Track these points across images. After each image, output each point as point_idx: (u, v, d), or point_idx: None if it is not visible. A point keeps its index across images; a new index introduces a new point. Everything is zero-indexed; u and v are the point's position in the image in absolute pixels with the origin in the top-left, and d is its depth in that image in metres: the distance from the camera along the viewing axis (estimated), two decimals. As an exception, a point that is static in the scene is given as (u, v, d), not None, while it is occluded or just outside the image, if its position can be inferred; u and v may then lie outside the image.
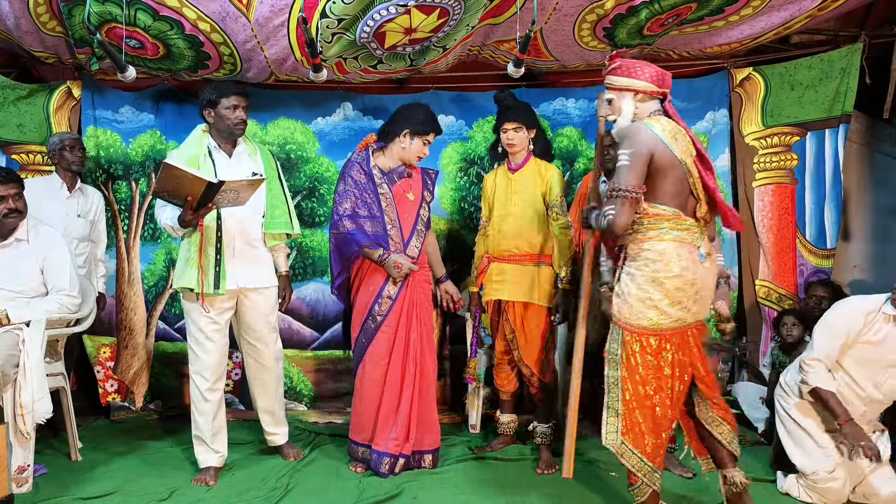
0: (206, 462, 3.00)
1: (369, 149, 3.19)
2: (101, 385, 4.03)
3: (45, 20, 3.38)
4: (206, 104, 2.98)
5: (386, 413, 3.05)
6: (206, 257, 2.89)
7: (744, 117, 4.00)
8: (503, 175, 3.33)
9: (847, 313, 2.75)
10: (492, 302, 3.28)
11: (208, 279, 2.88)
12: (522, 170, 3.26)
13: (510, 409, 3.39)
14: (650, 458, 2.31)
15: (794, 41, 4.07)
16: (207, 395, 2.97)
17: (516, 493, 2.80)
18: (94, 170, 4.02)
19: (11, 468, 2.57)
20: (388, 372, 3.05)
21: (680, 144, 2.30)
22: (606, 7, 3.26)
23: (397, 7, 3.01)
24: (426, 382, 3.11)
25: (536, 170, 3.24)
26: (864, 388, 2.75)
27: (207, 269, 2.89)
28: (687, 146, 2.33)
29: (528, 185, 3.22)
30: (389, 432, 3.02)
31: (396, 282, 3.06)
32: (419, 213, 3.16)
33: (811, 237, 3.93)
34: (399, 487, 2.81)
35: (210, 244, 2.91)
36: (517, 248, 3.21)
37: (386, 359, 3.06)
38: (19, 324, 2.75)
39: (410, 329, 3.08)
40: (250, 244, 3.03)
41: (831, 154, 3.85)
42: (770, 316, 3.93)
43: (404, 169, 3.17)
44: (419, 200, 3.18)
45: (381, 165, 3.15)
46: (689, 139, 2.34)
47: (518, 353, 3.19)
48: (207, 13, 3.16)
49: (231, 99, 2.95)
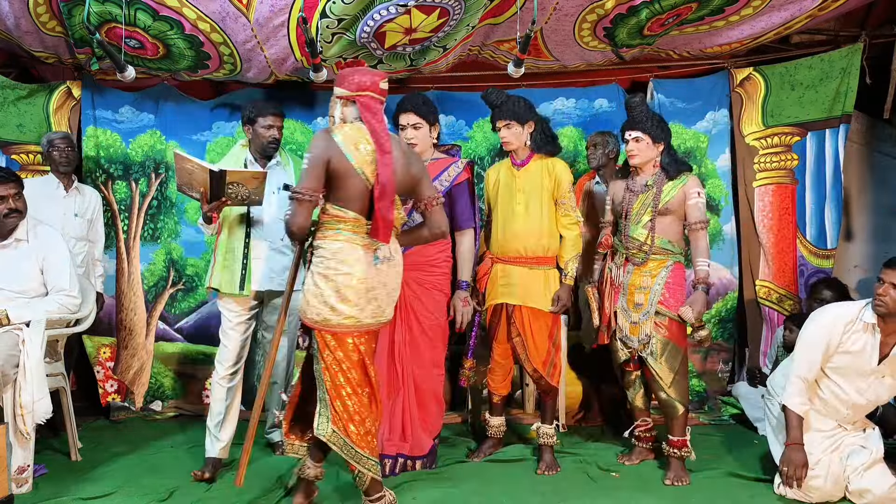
0: (208, 452, 3.07)
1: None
2: (101, 385, 4.03)
3: (45, 20, 3.38)
4: (246, 121, 3.16)
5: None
6: (234, 259, 3.05)
7: (744, 117, 4.00)
8: (507, 171, 3.21)
9: (824, 325, 2.72)
10: (492, 305, 3.20)
11: (234, 280, 3.04)
12: (527, 166, 3.16)
13: (500, 412, 3.35)
14: (359, 446, 2.41)
15: (794, 41, 4.07)
16: (221, 383, 3.09)
17: (516, 494, 2.80)
18: (94, 170, 4.02)
19: (11, 468, 2.58)
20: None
21: (360, 153, 2.40)
22: (607, 7, 3.26)
23: (397, 7, 3.01)
24: (409, 389, 3.02)
25: (543, 165, 3.14)
26: (849, 393, 2.75)
27: (234, 270, 3.05)
28: (368, 155, 2.41)
29: (535, 183, 3.12)
30: (380, 433, 2.96)
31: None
32: (412, 212, 2.99)
33: (811, 237, 3.93)
34: (398, 487, 2.81)
35: (238, 246, 3.05)
36: (525, 250, 3.10)
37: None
38: (19, 324, 2.76)
39: (395, 330, 3.01)
40: (278, 249, 3.12)
41: (831, 154, 3.85)
42: (770, 316, 3.93)
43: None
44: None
45: None
46: (372, 149, 2.41)
47: (525, 354, 3.13)
48: (207, 13, 3.16)
49: (268, 119, 3.11)
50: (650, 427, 3.21)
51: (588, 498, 2.77)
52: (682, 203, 3.03)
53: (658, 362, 2.99)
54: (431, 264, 3.06)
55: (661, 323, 3.00)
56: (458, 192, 3.11)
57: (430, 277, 3.06)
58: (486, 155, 4.19)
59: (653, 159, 3.07)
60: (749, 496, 2.79)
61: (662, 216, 3.03)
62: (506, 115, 3.10)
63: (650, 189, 3.06)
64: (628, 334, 3.06)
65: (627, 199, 3.11)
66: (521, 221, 3.11)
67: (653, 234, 3.03)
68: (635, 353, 3.07)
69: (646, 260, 3.04)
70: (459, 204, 3.11)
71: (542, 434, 3.19)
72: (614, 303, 3.13)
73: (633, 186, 3.11)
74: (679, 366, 3.00)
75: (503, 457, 3.26)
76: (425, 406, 3.06)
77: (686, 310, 2.92)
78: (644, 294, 3.02)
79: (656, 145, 3.05)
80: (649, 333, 2.99)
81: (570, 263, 3.11)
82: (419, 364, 3.03)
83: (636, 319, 3.03)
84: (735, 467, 3.10)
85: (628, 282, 3.07)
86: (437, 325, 3.08)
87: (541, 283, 3.12)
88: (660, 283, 3.01)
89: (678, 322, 2.99)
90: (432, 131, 3.12)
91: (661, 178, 3.06)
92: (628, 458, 3.20)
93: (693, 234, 3.02)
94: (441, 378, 3.15)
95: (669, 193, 3.03)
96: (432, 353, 3.07)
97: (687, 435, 3.01)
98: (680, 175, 3.05)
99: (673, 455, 3.00)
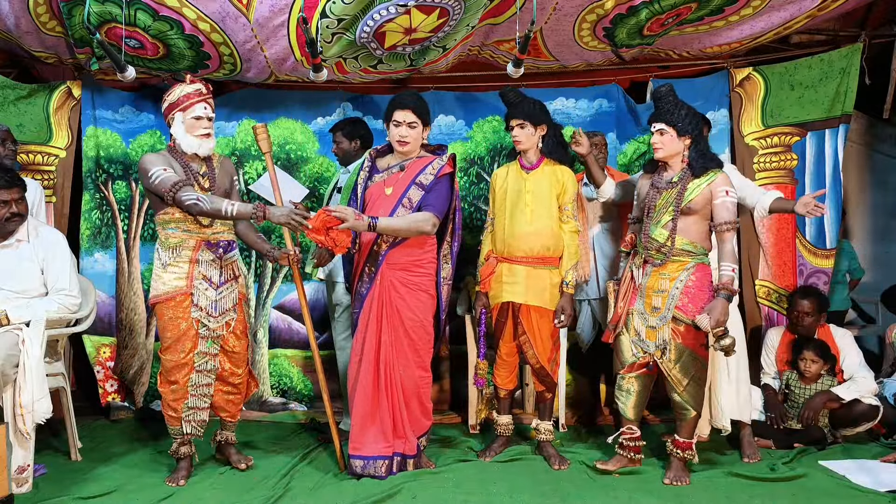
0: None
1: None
2: (101, 385, 4.03)
3: (45, 20, 3.38)
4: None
5: (363, 413, 2.97)
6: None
7: (744, 117, 4.00)
8: (516, 173, 3.21)
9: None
10: (499, 303, 3.21)
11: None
12: (536, 170, 3.16)
13: (508, 410, 3.35)
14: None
15: (794, 41, 4.07)
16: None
17: (516, 493, 2.80)
18: (93, 170, 4.02)
19: (11, 468, 2.57)
20: (360, 371, 2.99)
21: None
22: (606, 7, 3.26)
23: (397, 7, 3.01)
24: (397, 389, 2.99)
25: (552, 171, 3.15)
26: None
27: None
28: None
29: (543, 187, 3.12)
30: (367, 436, 2.95)
31: (366, 278, 3.01)
32: (396, 207, 2.97)
33: (811, 237, 3.93)
34: (398, 487, 2.80)
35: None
36: (530, 250, 3.11)
37: (357, 357, 3.01)
38: (19, 324, 2.76)
39: (381, 331, 2.98)
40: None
41: (831, 154, 3.85)
42: (770, 316, 3.94)
43: (397, 164, 3.06)
44: (399, 194, 2.98)
45: (379, 165, 3.13)
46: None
47: (532, 352, 3.14)
48: (207, 13, 3.16)
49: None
50: (637, 436, 3.05)
51: (588, 497, 2.76)
52: (707, 202, 2.86)
53: (673, 368, 2.87)
54: (417, 265, 3.02)
55: (677, 329, 2.86)
56: (438, 184, 3.01)
57: (416, 278, 3.02)
58: (486, 155, 4.20)
59: (679, 153, 2.92)
60: (749, 496, 2.79)
61: (685, 216, 2.87)
62: (519, 115, 3.11)
63: (675, 186, 2.91)
64: (644, 338, 2.94)
65: (651, 196, 2.98)
66: (527, 223, 3.11)
67: (673, 234, 2.88)
68: (650, 357, 2.92)
69: (665, 262, 2.90)
70: (434, 193, 2.99)
71: (544, 430, 3.23)
72: (630, 304, 3.02)
73: (658, 182, 2.97)
74: (695, 372, 2.88)
75: (503, 457, 3.26)
76: (408, 406, 3.03)
77: (703, 318, 2.76)
78: (661, 298, 2.89)
79: (682, 138, 2.89)
80: (666, 339, 2.87)
81: (571, 273, 3.11)
82: (403, 365, 3.00)
83: (654, 324, 2.91)
84: (735, 467, 3.10)
85: (646, 284, 2.95)
86: (419, 326, 3.01)
87: (546, 281, 3.13)
88: (678, 286, 2.86)
89: (696, 329, 2.84)
90: (424, 132, 3.07)
91: (687, 175, 2.90)
92: (604, 463, 3.07)
93: (720, 237, 2.86)
94: (426, 380, 3.07)
95: (693, 192, 2.87)
96: (415, 354, 3.02)
97: (694, 439, 2.95)
98: (707, 172, 2.88)
99: (676, 455, 2.95)
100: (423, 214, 2.94)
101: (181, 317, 2.87)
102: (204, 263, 2.92)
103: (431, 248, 3.08)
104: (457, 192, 3.14)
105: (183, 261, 2.89)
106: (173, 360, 2.88)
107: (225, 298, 2.96)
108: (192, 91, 2.88)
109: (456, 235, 3.15)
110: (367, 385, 2.97)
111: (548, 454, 3.20)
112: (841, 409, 3.42)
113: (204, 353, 2.92)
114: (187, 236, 2.90)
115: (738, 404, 3.29)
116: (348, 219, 2.74)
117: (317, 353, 3.18)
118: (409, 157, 3.06)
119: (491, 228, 3.29)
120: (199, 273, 2.90)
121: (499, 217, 3.23)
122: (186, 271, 2.89)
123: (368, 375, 2.97)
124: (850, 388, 3.41)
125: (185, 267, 2.89)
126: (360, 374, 2.99)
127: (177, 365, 2.88)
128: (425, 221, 2.92)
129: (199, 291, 2.89)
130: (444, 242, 3.14)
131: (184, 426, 2.95)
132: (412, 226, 2.92)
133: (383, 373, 2.98)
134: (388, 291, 2.98)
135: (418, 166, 3.03)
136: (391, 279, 2.99)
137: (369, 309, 2.99)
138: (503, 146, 4.18)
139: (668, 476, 2.94)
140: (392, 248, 2.99)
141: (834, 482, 2.91)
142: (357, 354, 3.03)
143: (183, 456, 2.98)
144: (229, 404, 3.09)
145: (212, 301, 2.92)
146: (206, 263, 2.92)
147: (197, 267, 2.90)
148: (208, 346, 2.93)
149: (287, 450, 3.39)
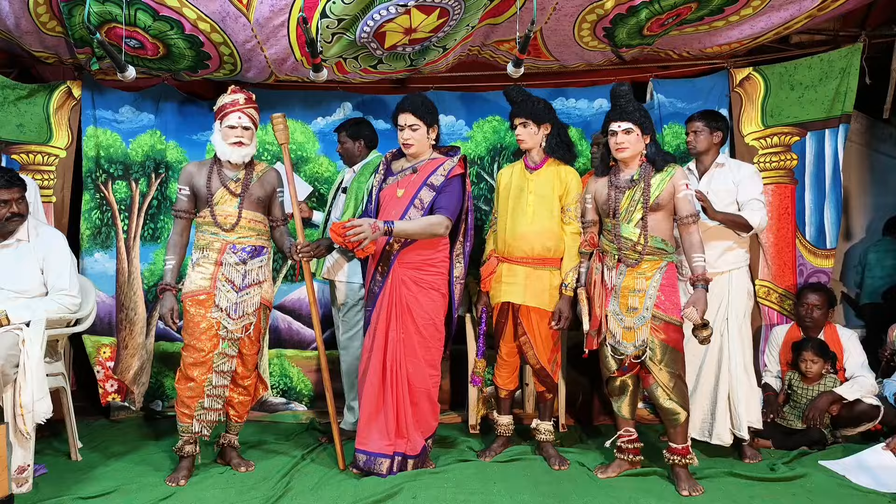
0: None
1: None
2: (101, 385, 4.03)
3: (45, 20, 3.38)
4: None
5: (370, 409, 2.99)
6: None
7: (744, 117, 4.00)
8: (520, 172, 3.21)
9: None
10: (499, 303, 3.21)
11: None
12: (540, 170, 3.16)
13: (508, 410, 3.36)
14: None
15: (794, 41, 4.07)
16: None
17: (516, 493, 2.80)
18: (93, 170, 4.02)
19: (11, 468, 2.57)
20: (369, 368, 3.02)
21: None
22: (606, 7, 3.26)
23: (397, 7, 3.01)
24: (403, 387, 3.00)
25: (556, 172, 3.14)
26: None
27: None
28: None
29: (546, 187, 3.12)
30: (372, 432, 2.97)
31: (378, 277, 3.04)
32: (408, 209, 3.01)
33: (811, 237, 3.93)
34: (398, 487, 2.81)
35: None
36: (530, 251, 3.11)
37: (367, 353, 3.04)
38: (19, 324, 2.76)
39: (389, 329, 3.01)
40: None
41: (831, 154, 3.85)
42: (770, 316, 3.94)
43: (410, 167, 3.10)
44: (411, 195, 3.02)
45: (394, 168, 3.16)
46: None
47: (533, 352, 3.15)
48: (207, 13, 3.16)
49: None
50: (635, 438, 3.03)
51: (588, 498, 2.76)
52: (671, 197, 2.89)
53: (659, 368, 2.87)
54: (429, 264, 3.05)
55: (657, 327, 2.87)
56: (449, 185, 3.04)
57: (428, 277, 3.05)
58: (486, 155, 4.19)
59: (640, 152, 2.94)
60: (749, 496, 2.79)
61: (654, 212, 2.89)
62: (523, 113, 3.12)
63: (637, 184, 2.92)
64: (621, 340, 2.92)
65: (613, 197, 2.96)
66: (529, 223, 3.12)
67: (645, 232, 2.88)
68: (627, 359, 2.93)
69: (639, 261, 2.90)
70: (445, 195, 3.03)
71: (544, 430, 3.23)
72: (605, 306, 2.99)
73: (618, 183, 2.96)
74: (678, 370, 2.89)
75: (503, 457, 3.26)
76: (418, 405, 3.04)
77: (691, 311, 2.78)
78: (639, 297, 2.89)
79: (644, 137, 2.91)
80: (646, 339, 2.87)
81: (571, 274, 3.11)
82: (412, 363, 3.02)
83: (630, 324, 2.90)
84: (735, 467, 3.10)
85: (621, 284, 2.93)
86: (431, 325, 3.04)
87: (546, 282, 3.12)
88: (654, 285, 2.88)
89: (675, 325, 2.87)
90: (430, 133, 3.09)
91: (648, 172, 2.91)
92: (604, 470, 3.03)
93: (685, 229, 2.89)
94: (435, 379, 3.10)
95: (659, 187, 2.89)
96: (426, 352, 3.04)
97: (688, 441, 2.93)
98: (666, 167, 2.91)
99: (678, 464, 2.89)
100: (436, 217, 2.98)
101: (203, 315, 2.95)
102: (228, 266, 2.99)
103: (444, 248, 3.10)
104: (469, 193, 3.17)
105: (209, 262, 2.99)
106: (192, 358, 2.94)
107: (246, 302, 3.01)
108: (228, 101, 3.03)
109: (468, 235, 3.19)
110: (375, 382, 3.01)
111: (548, 454, 3.21)
112: (842, 408, 3.43)
113: (222, 354, 2.97)
114: (213, 239, 3.01)
115: (755, 411, 3.28)
116: (367, 235, 2.80)
117: (322, 351, 3.22)
118: (420, 159, 3.10)
119: (494, 228, 3.29)
120: (222, 275, 2.97)
121: (501, 216, 3.24)
122: (211, 272, 2.98)
123: (376, 372, 3.01)
124: (852, 388, 3.42)
125: (211, 268, 2.99)
126: (368, 370, 3.03)
127: (195, 363, 2.94)
128: (438, 224, 2.96)
129: (222, 293, 2.96)
130: (457, 242, 3.16)
131: (194, 424, 2.97)
132: (426, 229, 2.96)
133: (389, 370, 3.01)
134: (400, 290, 3.02)
135: (430, 168, 3.06)
136: (403, 278, 3.02)
137: (380, 307, 3.03)
138: (503, 146, 4.18)
139: (681, 487, 2.84)
140: (404, 248, 3.03)
141: (834, 482, 2.91)
142: (367, 351, 3.07)
143: (186, 455, 2.99)
144: (239, 405, 3.14)
145: (232, 303, 2.97)
146: (229, 266, 2.99)
147: (221, 269, 2.98)
148: (226, 347, 2.98)
149: (287, 450, 3.39)
